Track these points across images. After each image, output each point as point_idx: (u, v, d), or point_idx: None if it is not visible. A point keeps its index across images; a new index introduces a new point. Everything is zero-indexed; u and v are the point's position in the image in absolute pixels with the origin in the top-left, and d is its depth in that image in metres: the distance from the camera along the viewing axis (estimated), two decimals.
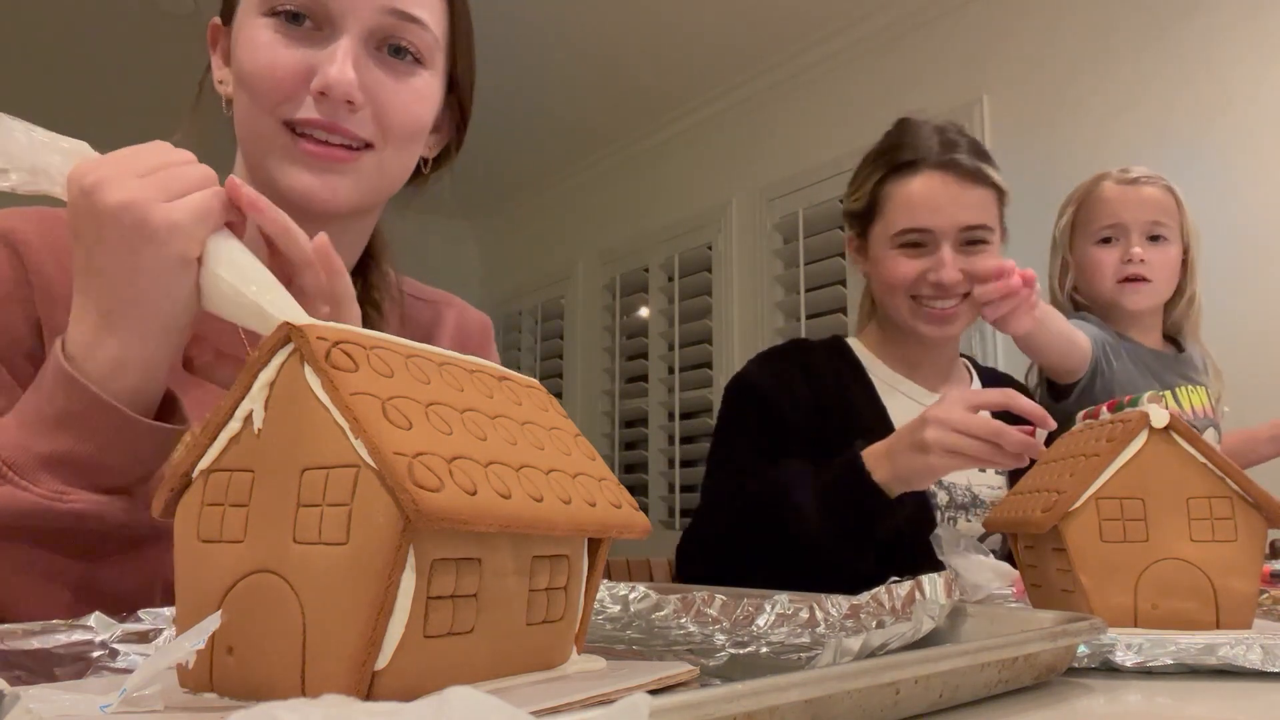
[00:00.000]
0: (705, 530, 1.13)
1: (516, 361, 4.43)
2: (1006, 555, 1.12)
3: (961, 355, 1.33)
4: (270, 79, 0.66)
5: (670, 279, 3.75)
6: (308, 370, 0.32)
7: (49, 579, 0.53)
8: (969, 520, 1.17)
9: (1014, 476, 1.23)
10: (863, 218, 1.21)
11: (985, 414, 0.93)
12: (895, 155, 1.17)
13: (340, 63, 0.65)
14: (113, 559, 0.54)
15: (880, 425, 1.16)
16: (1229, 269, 2.17)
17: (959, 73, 2.81)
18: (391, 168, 0.72)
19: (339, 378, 0.32)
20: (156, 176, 0.50)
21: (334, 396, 0.31)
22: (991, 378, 1.36)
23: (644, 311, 3.92)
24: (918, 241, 1.14)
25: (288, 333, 0.33)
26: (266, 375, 0.33)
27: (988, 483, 1.21)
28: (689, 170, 3.73)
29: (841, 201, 1.27)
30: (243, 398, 0.34)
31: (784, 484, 1.03)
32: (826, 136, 3.14)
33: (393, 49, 0.70)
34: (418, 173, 0.79)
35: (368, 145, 0.69)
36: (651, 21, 3.15)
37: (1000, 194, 1.18)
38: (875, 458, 0.98)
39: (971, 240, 1.15)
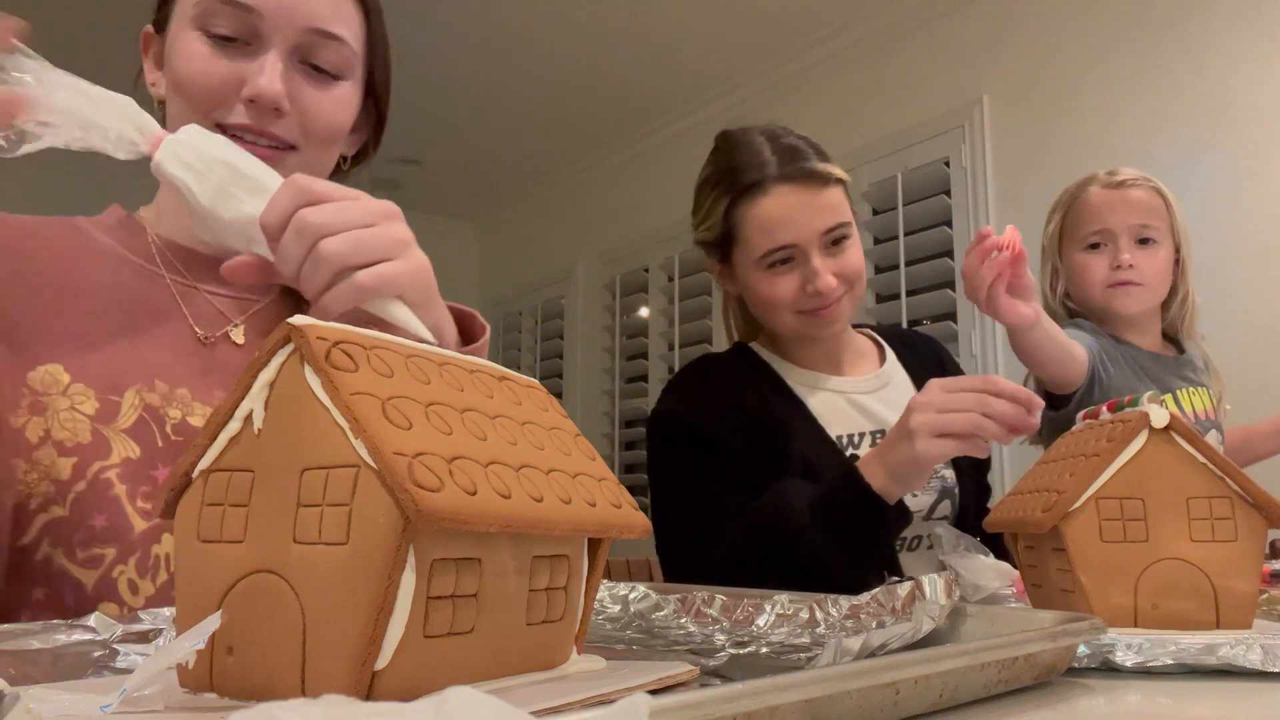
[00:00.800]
0: (699, 566, 1.08)
1: (516, 361, 4.44)
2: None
3: (860, 328, 1.31)
4: (205, 86, 0.72)
5: (670, 279, 3.75)
6: (308, 370, 0.32)
7: None
8: (914, 495, 1.13)
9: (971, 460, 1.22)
10: (720, 245, 1.19)
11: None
12: (737, 178, 1.15)
13: (269, 74, 0.72)
14: None
15: (803, 423, 1.15)
16: (1228, 268, 2.17)
17: (959, 73, 2.81)
18: (313, 167, 0.77)
19: (339, 378, 0.32)
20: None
21: (334, 396, 0.31)
22: (900, 339, 1.33)
23: (644, 311, 3.93)
24: (784, 258, 1.13)
25: (288, 333, 0.33)
26: (266, 375, 0.33)
27: None
28: (689, 170, 3.69)
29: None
30: (243, 398, 0.34)
31: (779, 507, 1.01)
32: (827, 136, 3.13)
33: (314, 64, 0.76)
34: (337, 169, 0.86)
35: (291, 147, 0.75)
36: (652, 22, 3.15)
37: (844, 184, 1.17)
38: (868, 464, 0.97)
39: (835, 240, 1.14)
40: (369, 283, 0.54)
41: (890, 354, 1.29)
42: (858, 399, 1.20)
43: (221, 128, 0.72)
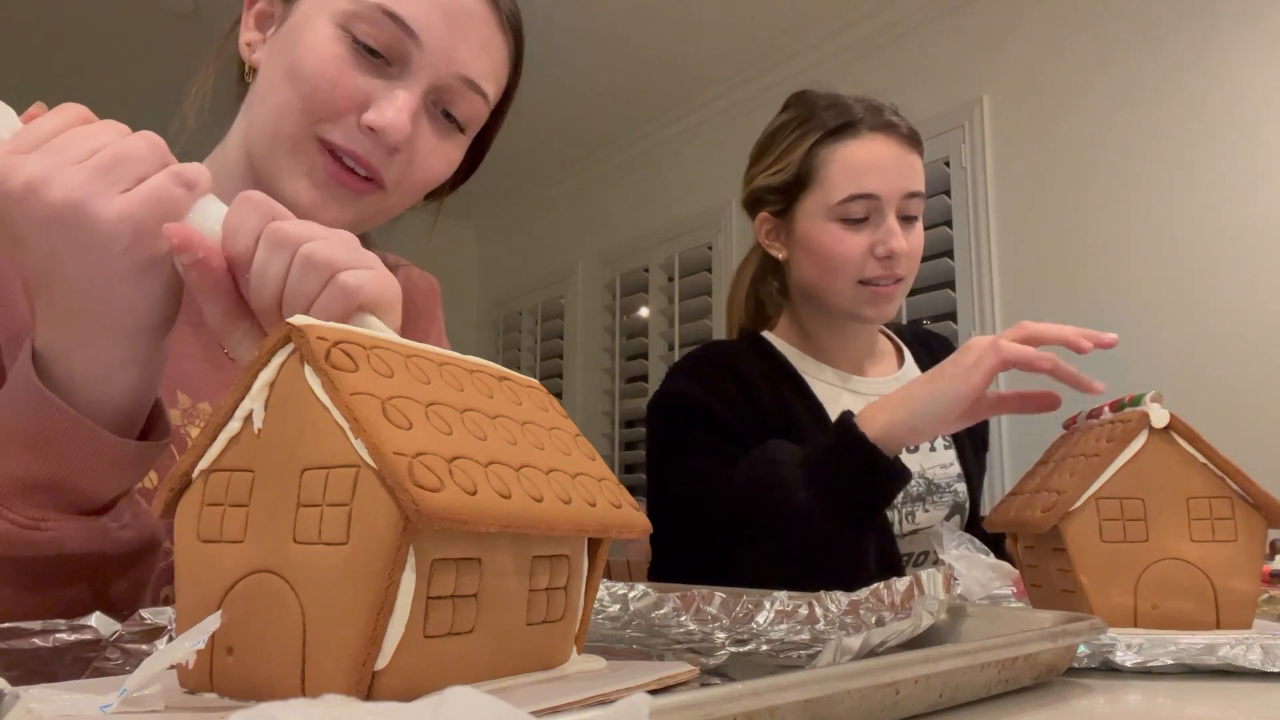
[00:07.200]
0: (675, 537, 1.03)
1: (516, 361, 4.44)
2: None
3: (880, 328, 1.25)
4: (329, 95, 0.65)
5: (670, 279, 3.75)
6: (308, 370, 0.32)
7: (20, 602, 0.49)
8: (926, 511, 1.12)
9: (964, 454, 1.18)
10: (787, 191, 1.11)
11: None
12: (827, 119, 1.09)
13: (399, 110, 0.65)
14: (93, 578, 0.51)
15: (814, 418, 1.09)
16: (1228, 271, 2.17)
17: (959, 73, 2.81)
18: (390, 210, 0.73)
19: (339, 378, 0.32)
20: (99, 163, 0.43)
21: (334, 396, 0.31)
22: (918, 340, 1.28)
23: (644, 311, 3.93)
24: (860, 214, 1.07)
25: (288, 333, 0.33)
26: (266, 375, 0.33)
27: (940, 462, 1.15)
28: (689, 170, 3.73)
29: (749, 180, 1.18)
30: (243, 398, 0.34)
31: (770, 460, 0.94)
32: None
33: (445, 110, 0.70)
34: None
35: (381, 186, 0.69)
36: (651, 22, 3.15)
37: (921, 159, 1.13)
38: (869, 412, 0.90)
39: (908, 215, 1.09)
40: (355, 283, 0.44)
41: (908, 356, 1.25)
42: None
43: (323, 143, 0.66)
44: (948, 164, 2.79)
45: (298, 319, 0.34)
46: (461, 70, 0.68)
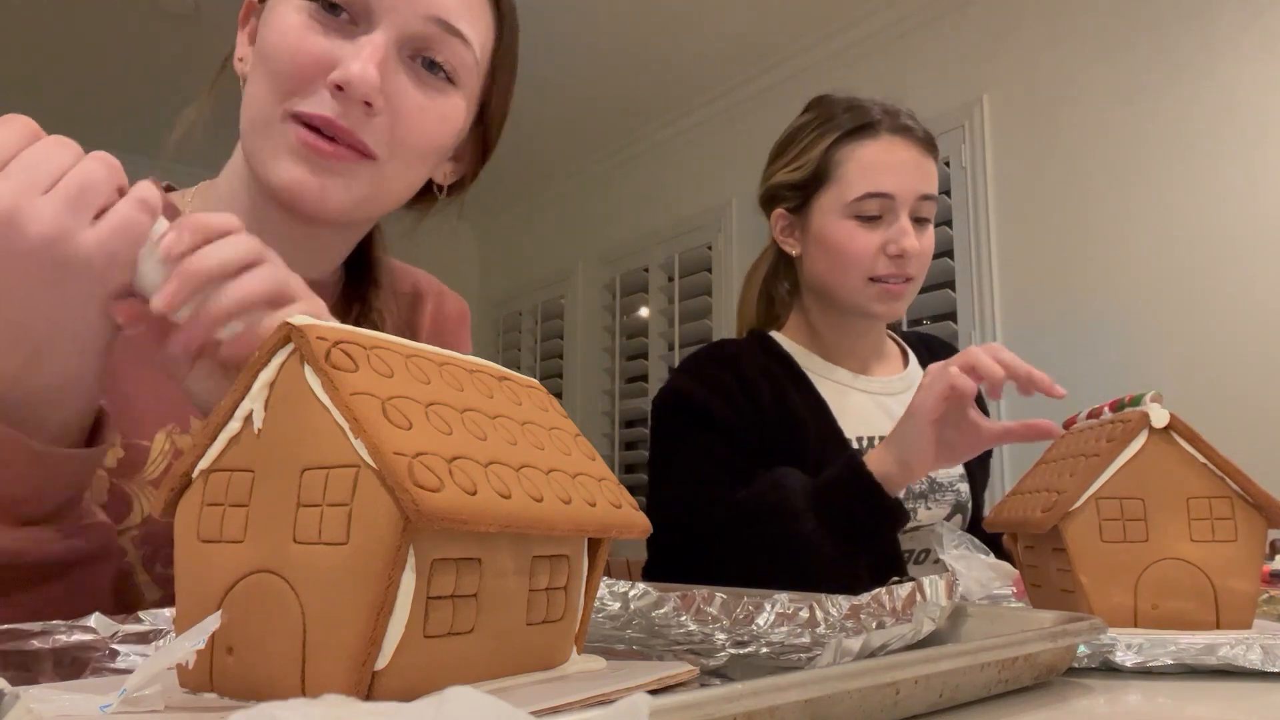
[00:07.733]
0: (676, 542, 1.04)
1: (516, 361, 4.44)
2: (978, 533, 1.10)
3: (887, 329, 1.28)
4: (291, 64, 0.62)
5: (670, 279, 3.75)
6: (308, 370, 0.32)
7: None
8: (928, 508, 1.13)
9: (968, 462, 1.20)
10: (804, 188, 1.14)
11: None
12: (846, 120, 1.13)
13: (365, 60, 0.61)
14: (36, 589, 0.50)
15: (822, 423, 1.11)
16: (1228, 270, 2.17)
17: (959, 73, 2.81)
18: (391, 184, 0.68)
19: (339, 378, 0.32)
20: (67, 193, 0.43)
21: (334, 396, 0.31)
22: (922, 343, 1.31)
23: (644, 311, 3.93)
24: (874, 213, 1.09)
25: (288, 333, 0.33)
26: (266, 375, 0.33)
27: None
28: (689, 170, 3.73)
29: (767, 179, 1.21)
30: (243, 398, 0.34)
31: (776, 485, 0.98)
32: None
33: (426, 61, 0.66)
34: (430, 197, 0.76)
35: (370, 156, 0.65)
36: (651, 22, 3.15)
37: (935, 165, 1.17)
38: (875, 453, 0.94)
39: (920, 216, 1.11)
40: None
41: (913, 357, 1.26)
42: (884, 400, 1.17)
43: (296, 118, 0.63)
44: (948, 164, 2.79)
45: (297, 319, 0.34)
46: (427, 10, 0.64)
